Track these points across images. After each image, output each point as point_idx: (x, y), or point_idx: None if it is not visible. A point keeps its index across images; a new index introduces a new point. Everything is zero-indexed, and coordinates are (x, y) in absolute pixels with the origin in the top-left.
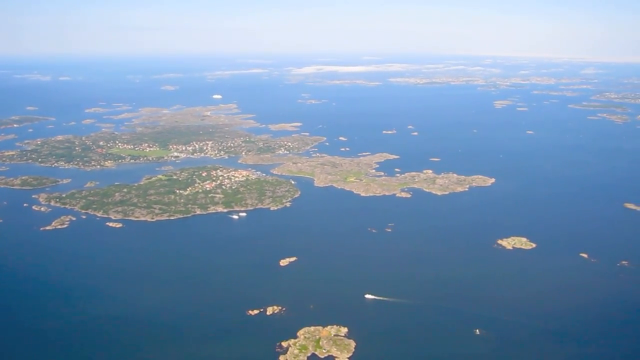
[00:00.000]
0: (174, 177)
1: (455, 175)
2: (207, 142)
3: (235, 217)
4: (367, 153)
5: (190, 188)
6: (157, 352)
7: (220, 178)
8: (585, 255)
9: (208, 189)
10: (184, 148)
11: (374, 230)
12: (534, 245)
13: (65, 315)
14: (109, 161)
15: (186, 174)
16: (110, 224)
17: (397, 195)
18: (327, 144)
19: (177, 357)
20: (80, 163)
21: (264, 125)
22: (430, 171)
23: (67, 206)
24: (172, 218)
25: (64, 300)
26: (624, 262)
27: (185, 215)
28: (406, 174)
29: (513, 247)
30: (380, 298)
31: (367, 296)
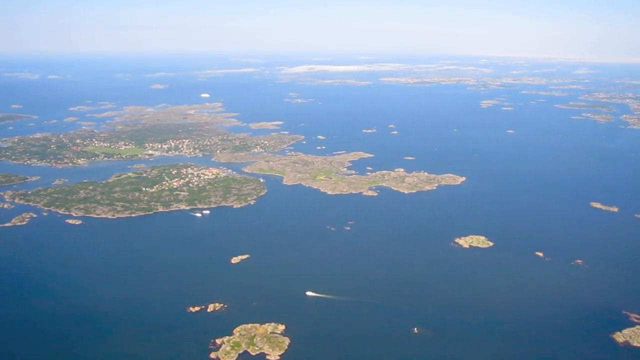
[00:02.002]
0: (144, 174)
1: (425, 174)
2: (184, 141)
3: (199, 214)
4: (343, 151)
5: (157, 186)
6: (90, 346)
7: (190, 176)
8: (540, 254)
9: (175, 186)
10: (159, 146)
11: (332, 229)
12: (491, 244)
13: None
14: (82, 159)
15: (156, 172)
16: (70, 221)
17: (363, 193)
18: (304, 142)
19: (108, 352)
20: (53, 161)
21: (245, 124)
22: (402, 170)
23: (30, 203)
24: (133, 215)
25: (2, 295)
26: (578, 260)
27: (147, 213)
28: (377, 172)
29: (470, 245)
30: (322, 295)
31: (308, 293)
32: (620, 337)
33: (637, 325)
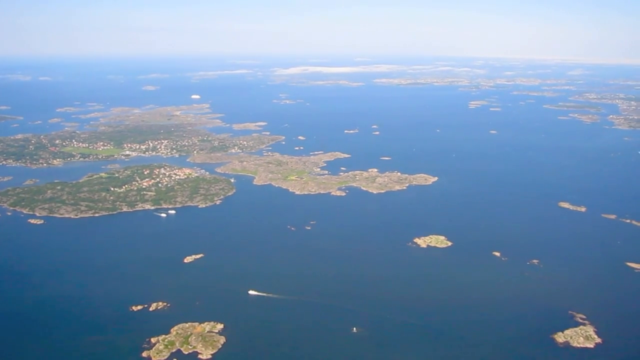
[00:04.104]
0: (116, 175)
1: (398, 174)
2: (162, 141)
3: (163, 214)
4: (320, 152)
5: (126, 186)
6: (24, 343)
7: (161, 176)
8: (497, 254)
9: (144, 186)
10: (137, 147)
11: (292, 229)
12: (449, 244)
13: None
14: (58, 159)
15: (129, 172)
16: (32, 221)
17: (332, 193)
18: (284, 143)
19: (40, 351)
20: (29, 161)
21: (228, 125)
22: (375, 170)
23: None
24: (96, 215)
25: None
26: (534, 260)
27: (110, 213)
28: (350, 172)
29: (427, 245)
30: (264, 294)
31: (251, 292)
32: (561, 337)
33: (581, 326)
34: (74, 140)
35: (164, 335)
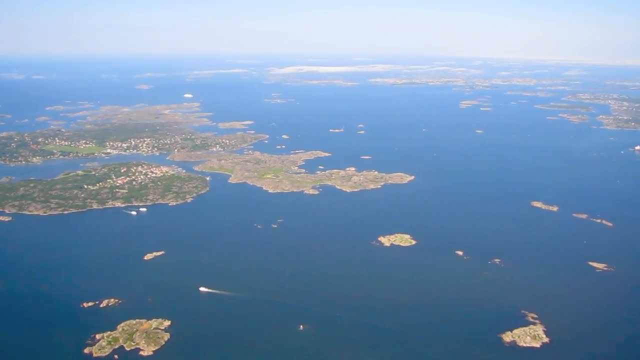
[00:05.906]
0: (92, 172)
1: (375, 172)
2: (145, 139)
3: (134, 212)
4: (301, 150)
5: (100, 184)
6: None
7: (137, 174)
8: (460, 253)
9: (118, 184)
10: (119, 145)
11: (259, 226)
12: (413, 243)
13: None
14: (37, 157)
15: (105, 170)
16: (1, 218)
17: (305, 192)
18: (267, 141)
19: None
20: (8, 159)
21: (214, 124)
22: (353, 169)
23: None
24: (65, 213)
25: None
26: (496, 260)
27: (80, 210)
28: (327, 171)
29: (391, 244)
30: (215, 291)
31: (202, 289)
32: (508, 336)
33: (531, 325)
34: (56, 138)
35: (109, 332)
